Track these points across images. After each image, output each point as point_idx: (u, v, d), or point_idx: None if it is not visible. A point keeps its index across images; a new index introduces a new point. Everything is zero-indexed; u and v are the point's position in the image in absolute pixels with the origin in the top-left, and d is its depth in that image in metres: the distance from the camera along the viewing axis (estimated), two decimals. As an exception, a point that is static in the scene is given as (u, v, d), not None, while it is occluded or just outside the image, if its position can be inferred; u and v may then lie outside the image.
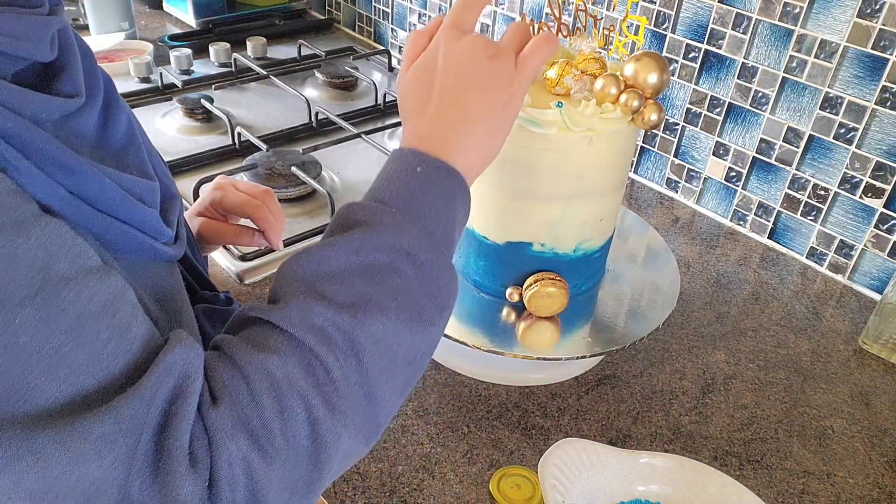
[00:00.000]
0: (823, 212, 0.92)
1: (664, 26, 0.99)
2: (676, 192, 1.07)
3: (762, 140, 0.95)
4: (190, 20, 1.46)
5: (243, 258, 0.84)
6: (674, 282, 0.77)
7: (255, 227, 0.65)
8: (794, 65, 0.88)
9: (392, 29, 1.44)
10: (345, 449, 0.39)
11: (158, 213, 0.43)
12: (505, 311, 0.71)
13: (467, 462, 0.65)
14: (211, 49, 1.32)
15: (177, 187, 0.52)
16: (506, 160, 0.65)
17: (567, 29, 0.69)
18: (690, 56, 0.98)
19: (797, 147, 0.92)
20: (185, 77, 1.25)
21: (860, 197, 0.88)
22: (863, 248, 0.90)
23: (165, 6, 1.54)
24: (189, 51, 1.29)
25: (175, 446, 0.34)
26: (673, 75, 1.00)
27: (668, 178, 1.08)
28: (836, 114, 0.87)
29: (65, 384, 0.32)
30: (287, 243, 0.87)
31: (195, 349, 0.37)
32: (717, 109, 0.98)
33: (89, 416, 0.32)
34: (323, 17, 1.60)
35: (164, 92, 1.20)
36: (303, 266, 0.41)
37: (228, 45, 1.33)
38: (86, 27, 1.37)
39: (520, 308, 0.71)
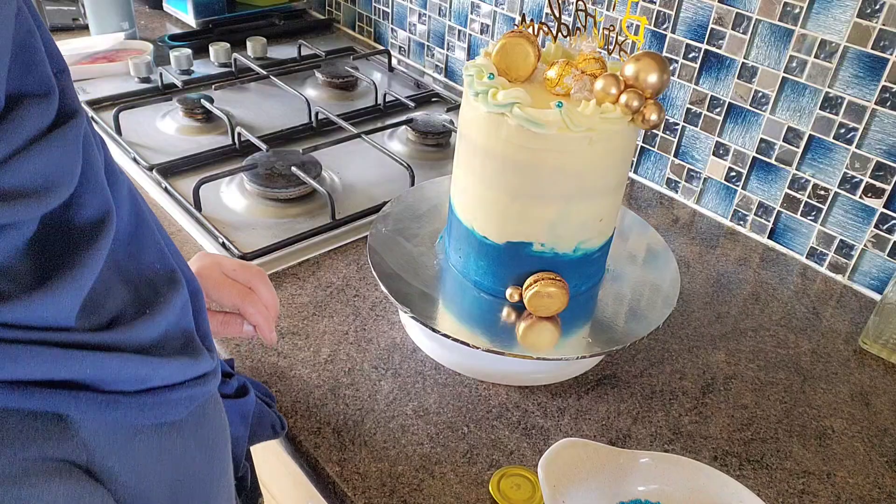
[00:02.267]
0: (823, 212, 0.92)
1: (664, 26, 0.99)
2: (676, 192, 1.07)
3: (762, 140, 0.95)
4: (190, 20, 1.46)
5: (243, 258, 0.84)
6: (674, 282, 0.77)
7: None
8: (794, 65, 0.88)
9: (392, 29, 1.44)
10: None
11: (189, 336, 0.39)
12: (505, 311, 0.71)
13: (467, 462, 0.65)
14: (211, 49, 1.32)
15: (193, 275, 0.45)
16: (506, 160, 0.65)
17: (567, 29, 0.69)
18: (690, 56, 0.98)
19: (797, 147, 0.92)
20: (185, 77, 1.25)
21: (860, 197, 0.88)
22: (863, 248, 0.90)
23: (165, 6, 1.54)
24: (189, 51, 1.29)
25: None
26: (673, 75, 1.00)
27: (668, 178, 1.08)
28: (836, 114, 0.87)
29: None
30: (287, 243, 0.87)
31: None
32: (717, 109, 0.98)
33: None
34: (323, 17, 1.60)
35: (164, 92, 1.20)
36: None
37: (228, 45, 1.33)
38: (86, 27, 1.37)
39: (520, 308, 0.71)
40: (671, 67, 1.00)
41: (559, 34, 0.69)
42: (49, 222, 0.32)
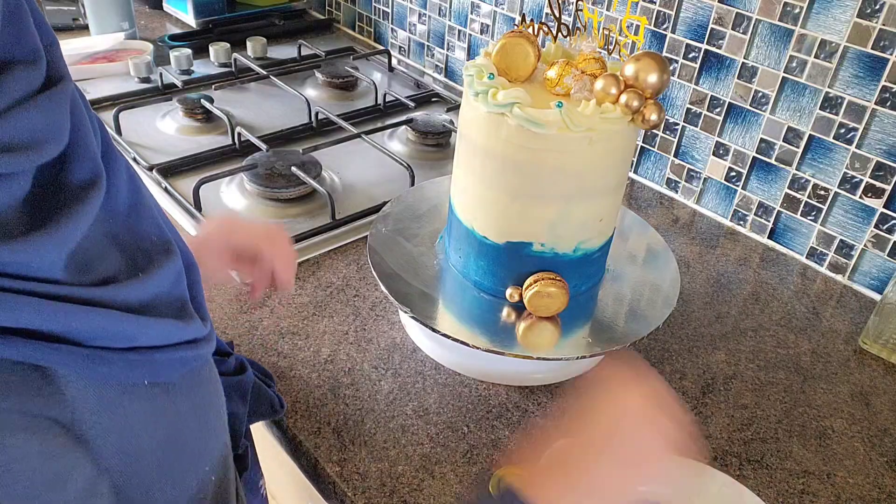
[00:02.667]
0: (823, 212, 0.92)
1: (664, 26, 0.99)
2: (676, 192, 1.07)
3: (762, 140, 0.95)
4: (190, 20, 1.46)
5: (243, 258, 0.84)
6: (674, 282, 0.77)
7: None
8: (794, 65, 0.88)
9: (392, 29, 1.44)
10: None
11: (183, 304, 0.40)
12: (505, 311, 0.71)
13: (467, 462, 0.65)
14: (211, 49, 1.32)
15: (190, 250, 0.47)
16: (506, 160, 0.65)
17: (567, 29, 0.69)
18: (690, 56, 0.98)
19: (797, 147, 0.92)
20: (185, 77, 1.25)
21: (860, 197, 0.88)
22: (863, 248, 0.90)
23: (165, 6, 1.54)
24: (189, 51, 1.29)
25: None
26: (673, 75, 1.00)
27: (668, 178, 1.08)
28: (836, 114, 0.87)
29: None
30: (287, 243, 0.87)
31: None
32: (717, 109, 0.98)
33: None
34: (323, 17, 1.60)
35: (164, 92, 1.20)
36: None
37: (228, 45, 1.33)
38: (86, 27, 1.37)
39: (520, 308, 0.71)
40: (671, 67, 1.00)
41: (559, 34, 0.69)
42: (41, 181, 0.33)
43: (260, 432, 0.72)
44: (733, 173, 1.00)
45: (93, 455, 0.34)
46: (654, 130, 1.05)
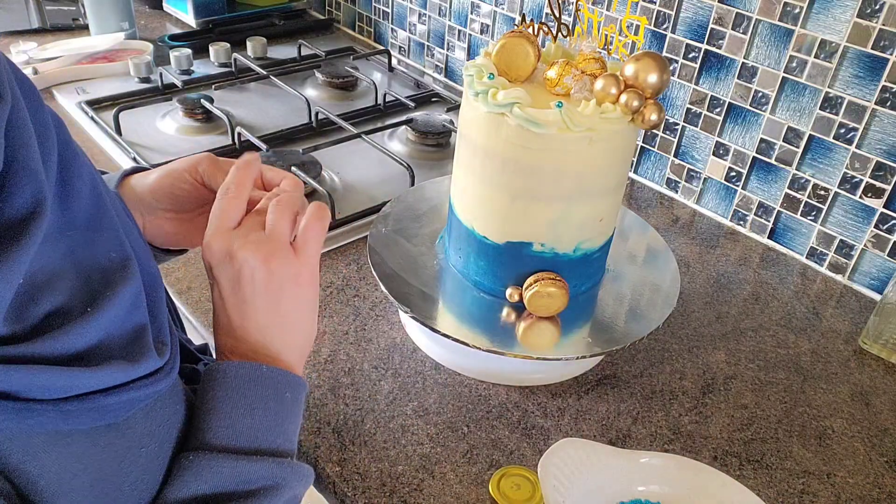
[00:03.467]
0: (823, 212, 0.92)
1: (664, 26, 0.99)
2: (676, 192, 1.07)
3: (762, 140, 0.95)
4: (190, 20, 1.46)
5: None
6: (674, 282, 0.77)
7: None
8: (794, 65, 0.89)
9: (392, 29, 1.44)
10: None
11: (138, 334, 0.37)
12: (505, 311, 0.71)
13: (467, 462, 0.65)
14: (211, 49, 1.32)
15: (154, 260, 0.44)
16: (506, 160, 0.65)
17: (567, 29, 0.69)
18: (690, 56, 0.98)
19: (797, 147, 0.92)
20: (185, 77, 1.25)
21: (860, 197, 0.88)
22: (863, 248, 0.90)
23: (165, 6, 1.54)
24: (189, 51, 1.29)
25: None
26: (673, 75, 1.00)
27: (668, 178, 1.08)
28: (836, 114, 0.87)
29: None
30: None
31: None
32: (717, 109, 0.98)
33: None
34: (323, 17, 1.60)
35: (164, 92, 1.20)
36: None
37: (228, 45, 1.33)
38: (86, 27, 1.37)
39: (520, 308, 0.71)
40: (671, 67, 1.00)
41: (559, 34, 0.69)
42: None
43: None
44: (733, 173, 1.00)
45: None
46: (654, 130, 1.05)
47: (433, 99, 1.29)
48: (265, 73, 1.25)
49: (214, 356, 0.51)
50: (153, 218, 0.56)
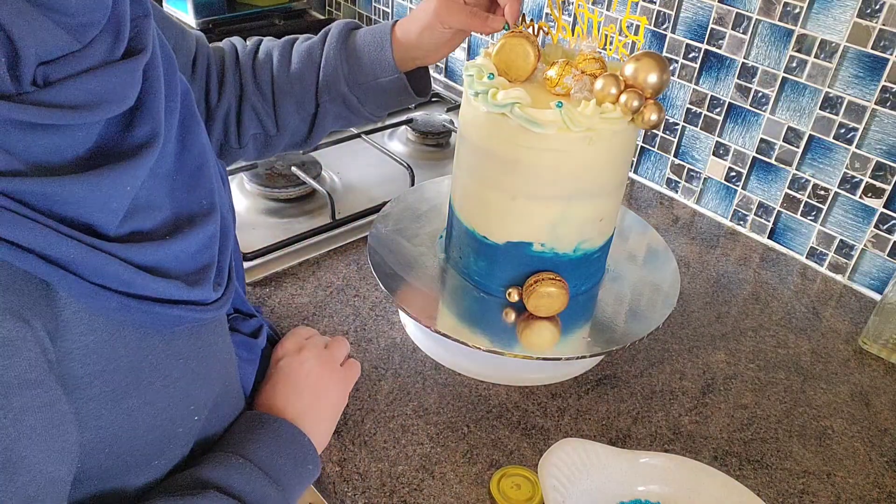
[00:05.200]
0: (823, 212, 0.92)
1: (664, 26, 0.99)
2: (676, 192, 1.07)
3: (762, 140, 0.95)
4: (190, 20, 1.46)
5: (243, 258, 0.84)
6: (674, 282, 0.77)
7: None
8: (794, 65, 0.89)
9: (392, 29, 1.44)
10: None
11: (203, 269, 0.44)
12: (505, 311, 0.71)
13: (467, 462, 0.65)
14: (211, 49, 1.32)
15: (234, 213, 0.54)
16: (506, 160, 0.65)
17: (567, 29, 0.69)
18: (690, 56, 0.98)
19: (797, 147, 0.92)
20: (185, 77, 1.25)
21: (860, 197, 0.88)
22: (863, 248, 0.90)
23: (165, 6, 1.54)
24: (189, 51, 1.29)
25: None
26: (673, 75, 1.00)
27: (668, 178, 1.08)
28: (836, 114, 0.87)
29: None
30: (287, 243, 0.87)
31: None
32: (717, 109, 0.98)
33: None
34: (323, 17, 1.60)
35: (164, 92, 1.20)
36: None
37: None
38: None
39: (520, 308, 0.71)
40: (671, 67, 1.00)
41: (559, 34, 0.69)
42: (106, 135, 0.39)
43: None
44: (733, 173, 1.00)
45: (63, 377, 0.38)
46: (654, 130, 1.05)
47: (433, 99, 1.29)
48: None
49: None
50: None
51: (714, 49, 0.95)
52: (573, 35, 0.69)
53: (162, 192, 0.43)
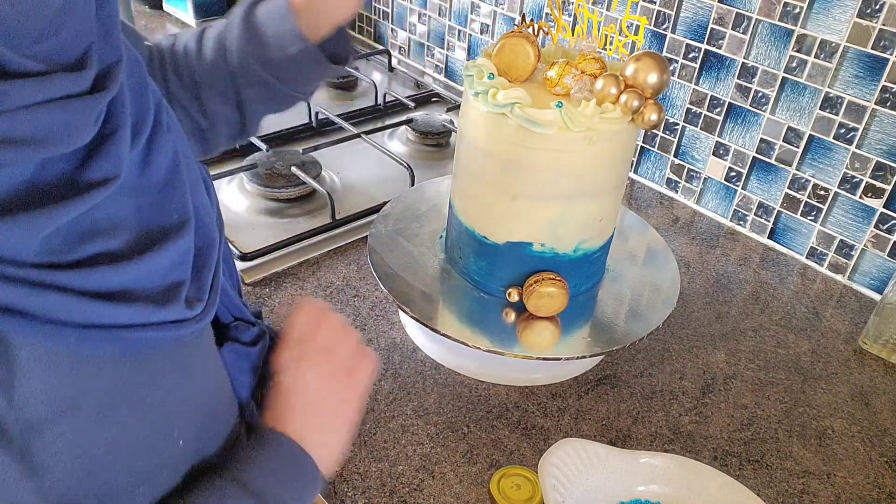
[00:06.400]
0: (823, 212, 0.92)
1: (664, 26, 0.99)
2: (676, 192, 1.07)
3: (762, 140, 0.95)
4: (190, 20, 1.46)
5: (243, 258, 0.84)
6: (674, 282, 0.77)
7: None
8: (794, 65, 0.89)
9: (392, 29, 1.44)
10: None
11: (174, 287, 0.41)
12: (505, 311, 0.71)
13: (467, 462, 0.65)
14: (211, 49, 1.31)
15: (221, 222, 0.50)
16: (506, 160, 0.65)
17: (567, 29, 0.69)
18: (690, 56, 0.98)
19: (797, 147, 0.92)
20: (185, 77, 1.25)
21: (860, 197, 0.88)
22: (863, 248, 0.90)
23: (165, 6, 1.54)
24: (189, 51, 1.29)
25: None
26: (673, 75, 1.00)
27: (668, 178, 1.08)
28: (836, 114, 0.87)
29: None
30: (287, 243, 0.87)
31: None
32: (717, 109, 0.98)
33: None
34: (323, 17, 1.59)
35: (164, 92, 1.20)
36: None
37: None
38: (86, 27, 1.37)
39: (520, 308, 0.71)
40: (671, 67, 1.00)
41: (559, 34, 0.69)
42: (49, 170, 0.35)
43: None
44: (733, 173, 1.00)
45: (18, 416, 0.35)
46: (654, 130, 1.05)
47: (433, 99, 1.29)
48: (265, 73, 1.25)
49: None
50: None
51: (714, 49, 0.95)
52: (573, 35, 0.70)
53: (126, 210, 0.39)
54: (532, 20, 0.68)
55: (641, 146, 1.09)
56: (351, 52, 0.67)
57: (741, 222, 1.01)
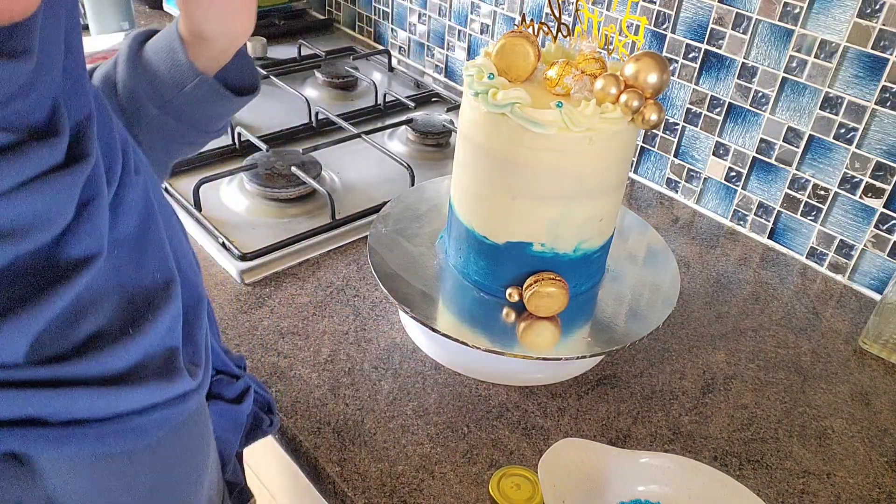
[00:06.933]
0: (823, 212, 0.92)
1: (664, 26, 0.99)
2: (676, 192, 1.07)
3: (762, 140, 0.95)
4: (190, 20, 1.46)
5: (243, 258, 0.84)
6: (674, 282, 0.77)
7: None
8: (794, 65, 0.89)
9: (392, 29, 1.44)
10: None
11: (171, 355, 0.37)
12: (505, 311, 0.71)
13: (467, 462, 0.65)
14: (211, 49, 1.31)
15: (201, 277, 0.44)
16: (506, 160, 0.65)
17: (567, 29, 0.69)
18: (690, 56, 0.98)
19: (797, 147, 0.92)
20: (185, 77, 1.25)
21: (860, 197, 0.88)
22: (863, 248, 0.90)
23: (165, 6, 1.54)
24: (189, 51, 1.29)
25: None
26: (673, 75, 1.00)
27: (668, 178, 1.08)
28: (836, 114, 0.87)
29: None
30: (287, 243, 0.87)
31: None
32: (717, 109, 0.98)
33: None
34: (323, 17, 1.60)
35: (164, 92, 1.20)
36: None
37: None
38: (86, 27, 1.37)
39: (520, 308, 0.71)
40: (671, 67, 1.00)
41: (559, 34, 0.69)
42: (27, 256, 0.30)
43: (260, 432, 0.72)
44: (733, 173, 1.00)
45: None
46: (654, 130, 1.05)
47: (433, 99, 1.29)
48: (265, 72, 1.25)
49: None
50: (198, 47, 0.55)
51: (714, 49, 0.95)
52: (573, 35, 0.70)
53: (104, 275, 0.34)
54: (532, 20, 0.68)
55: (641, 146, 1.09)
56: (257, 79, 0.59)
57: (741, 222, 1.01)
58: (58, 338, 0.32)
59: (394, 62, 1.40)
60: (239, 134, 1.06)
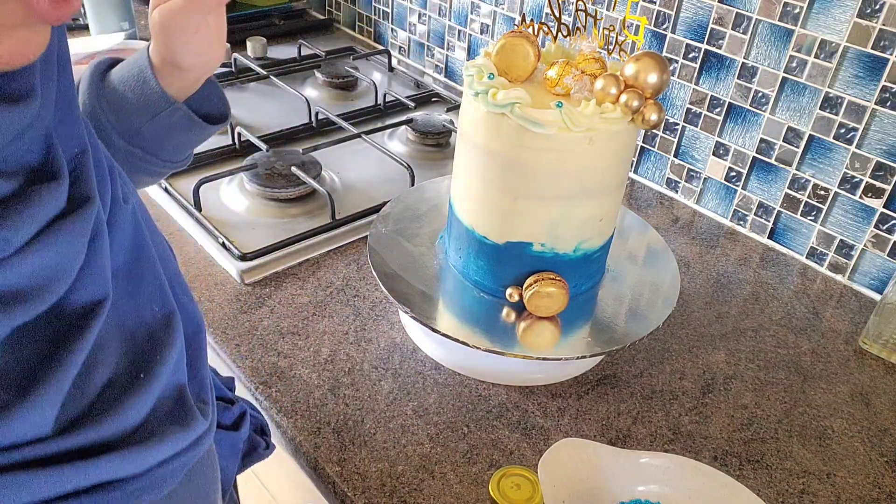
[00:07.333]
0: (823, 212, 0.92)
1: (664, 26, 0.99)
2: (676, 192, 1.07)
3: (762, 140, 0.95)
4: (190, 20, 1.46)
5: (243, 258, 0.84)
6: (674, 282, 0.77)
7: None
8: (794, 65, 0.88)
9: (392, 29, 1.44)
10: None
11: (180, 394, 0.36)
12: (505, 311, 0.71)
13: (467, 462, 0.65)
14: (211, 49, 1.31)
15: (196, 304, 0.42)
16: (506, 160, 0.65)
17: (567, 29, 0.69)
18: (690, 56, 0.98)
19: (797, 147, 0.92)
20: (185, 77, 1.25)
21: (860, 197, 0.88)
22: (863, 248, 0.90)
23: (165, 6, 1.53)
24: (189, 51, 1.29)
25: None
26: (673, 75, 1.00)
27: (668, 178, 1.08)
28: (836, 114, 0.87)
29: None
30: (287, 243, 0.87)
31: None
32: (717, 109, 0.98)
33: None
34: (323, 17, 1.60)
35: (164, 92, 1.20)
36: None
37: (228, 44, 1.33)
38: (86, 27, 1.37)
39: (520, 308, 0.71)
40: (671, 67, 1.00)
41: (559, 34, 0.69)
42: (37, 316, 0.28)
43: (260, 432, 0.72)
44: (733, 173, 1.00)
45: None
46: (654, 130, 1.05)
47: (433, 99, 1.29)
48: (265, 72, 1.25)
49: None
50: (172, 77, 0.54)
51: (714, 49, 0.95)
52: (573, 35, 0.70)
53: (102, 324, 0.32)
54: (532, 20, 0.68)
55: (641, 146, 1.09)
56: (227, 107, 0.58)
57: (741, 222, 1.01)
58: (75, 397, 0.30)
59: (394, 62, 1.40)
60: (239, 134, 1.06)
